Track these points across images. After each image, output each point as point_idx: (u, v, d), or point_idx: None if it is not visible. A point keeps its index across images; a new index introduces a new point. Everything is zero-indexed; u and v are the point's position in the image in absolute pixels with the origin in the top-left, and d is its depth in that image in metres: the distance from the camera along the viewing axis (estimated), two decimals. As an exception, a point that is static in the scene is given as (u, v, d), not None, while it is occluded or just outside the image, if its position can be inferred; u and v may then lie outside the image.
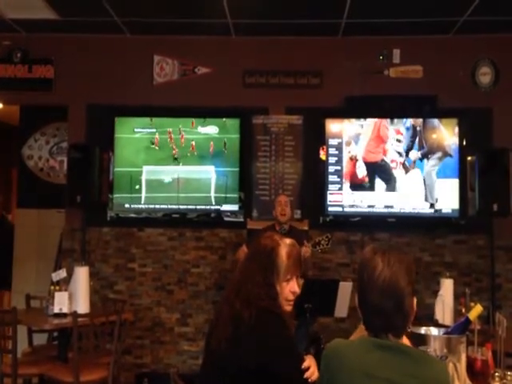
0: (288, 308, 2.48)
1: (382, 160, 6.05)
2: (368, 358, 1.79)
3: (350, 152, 6.09)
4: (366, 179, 6.07)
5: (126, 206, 6.21)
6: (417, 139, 6.05)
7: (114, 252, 6.32)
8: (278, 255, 2.46)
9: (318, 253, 5.53)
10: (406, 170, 6.03)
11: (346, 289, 4.88)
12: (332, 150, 6.11)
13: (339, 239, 6.09)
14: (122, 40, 6.44)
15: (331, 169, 6.10)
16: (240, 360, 2.29)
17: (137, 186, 6.19)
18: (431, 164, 6.02)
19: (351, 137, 6.11)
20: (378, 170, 6.07)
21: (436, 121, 6.08)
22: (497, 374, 2.52)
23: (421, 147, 6.04)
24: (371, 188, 6.06)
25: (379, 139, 6.07)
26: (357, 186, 6.06)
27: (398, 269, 1.82)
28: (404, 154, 6.04)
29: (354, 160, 6.08)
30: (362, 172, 6.07)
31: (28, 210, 7.15)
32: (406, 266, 1.84)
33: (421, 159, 6.03)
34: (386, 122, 6.08)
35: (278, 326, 2.36)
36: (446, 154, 6.02)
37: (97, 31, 6.29)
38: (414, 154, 6.04)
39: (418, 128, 6.06)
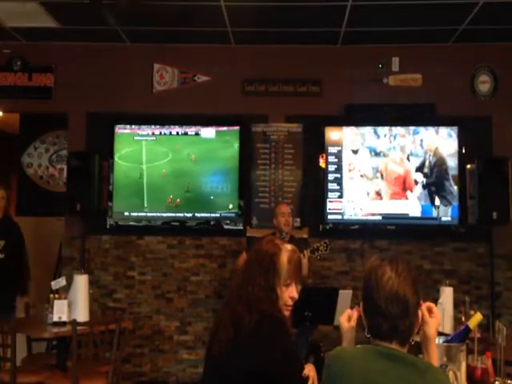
0: (286, 313, 2.48)
1: (405, 214, 6.05)
2: (371, 367, 1.78)
3: (377, 185, 6.06)
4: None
5: (126, 213, 6.21)
6: (425, 168, 6.04)
7: (114, 260, 6.31)
8: (279, 259, 2.46)
9: (317, 260, 5.53)
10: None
11: (345, 297, 4.88)
12: (331, 158, 6.12)
13: (339, 247, 6.08)
14: (121, 48, 6.45)
15: (331, 177, 6.10)
16: (241, 364, 2.29)
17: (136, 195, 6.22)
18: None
19: (372, 167, 6.09)
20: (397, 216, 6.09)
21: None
22: (497, 382, 2.52)
23: (426, 175, 6.03)
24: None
25: (404, 191, 6.07)
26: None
27: (406, 278, 1.83)
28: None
29: (379, 195, 6.07)
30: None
31: (27, 218, 7.14)
32: (413, 277, 1.86)
33: (424, 186, 6.01)
34: (411, 171, 6.06)
35: (278, 330, 2.36)
36: (449, 203, 6.02)
37: (97, 39, 6.30)
38: (419, 177, 6.03)
39: (428, 157, 6.04)
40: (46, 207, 7.06)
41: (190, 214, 6.18)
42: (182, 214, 6.17)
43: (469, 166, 5.99)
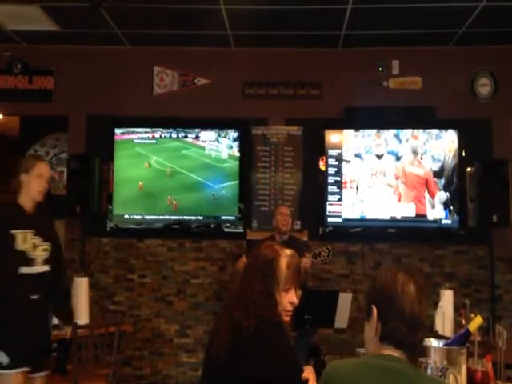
0: (286, 318, 2.47)
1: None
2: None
3: (397, 189, 6.04)
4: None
5: (126, 216, 6.21)
6: (444, 171, 6.01)
7: (114, 263, 6.31)
8: (278, 264, 2.45)
9: (317, 264, 5.52)
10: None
11: (345, 300, 4.88)
12: (331, 161, 6.11)
13: (339, 250, 6.08)
14: (122, 51, 6.46)
15: (331, 179, 6.09)
16: (240, 369, 2.28)
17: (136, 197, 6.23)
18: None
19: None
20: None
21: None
22: (497, 385, 2.52)
23: (446, 178, 6.02)
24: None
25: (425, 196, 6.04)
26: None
27: (424, 294, 1.79)
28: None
29: (398, 200, 6.06)
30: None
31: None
32: (428, 292, 1.82)
33: (444, 203, 5.99)
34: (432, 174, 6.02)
35: (277, 335, 2.35)
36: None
37: (97, 42, 6.31)
38: (443, 196, 5.99)
39: (448, 168, 6.01)
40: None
41: (189, 217, 6.17)
42: (181, 217, 6.17)
43: (469, 169, 5.99)
